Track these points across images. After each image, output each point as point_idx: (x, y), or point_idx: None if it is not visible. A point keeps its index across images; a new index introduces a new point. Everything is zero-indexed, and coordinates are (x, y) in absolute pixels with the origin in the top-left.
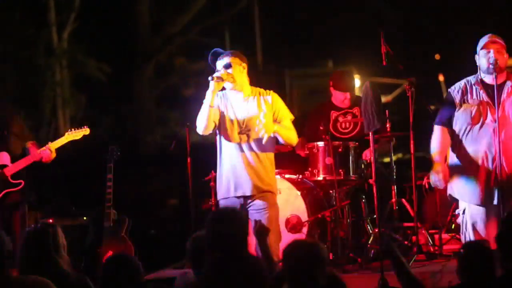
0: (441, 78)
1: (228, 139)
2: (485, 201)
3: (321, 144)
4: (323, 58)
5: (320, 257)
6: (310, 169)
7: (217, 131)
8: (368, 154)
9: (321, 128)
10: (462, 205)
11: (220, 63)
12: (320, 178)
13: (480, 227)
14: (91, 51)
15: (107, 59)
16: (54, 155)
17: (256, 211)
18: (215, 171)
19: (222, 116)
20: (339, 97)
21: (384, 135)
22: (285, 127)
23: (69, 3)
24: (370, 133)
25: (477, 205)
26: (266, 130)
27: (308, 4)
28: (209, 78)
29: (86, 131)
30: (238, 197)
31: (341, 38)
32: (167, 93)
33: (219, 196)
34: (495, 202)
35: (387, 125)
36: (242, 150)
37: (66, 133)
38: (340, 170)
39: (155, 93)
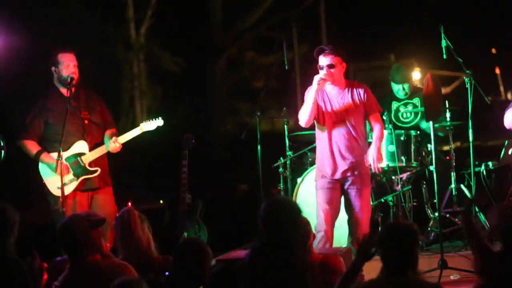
0: (497, 71)
1: (325, 128)
2: None
3: (384, 132)
4: (385, 52)
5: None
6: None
7: (315, 122)
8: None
9: (384, 118)
10: None
11: (324, 60)
12: (384, 164)
13: None
14: (167, 45)
15: (181, 53)
16: (120, 147)
17: (352, 190)
18: (284, 158)
19: (320, 108)
20: (395, 88)
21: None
22: (376, 138)
23: (146, 1)
24: (431, 123)
25: None
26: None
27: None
28: (316, 80)
29: (160, 122)
30: (336, 180)
31: (403, 32)
32: (238, 85)
33: (318, 177)
34: None
35: (447, 115)
36: (337, 138)
37: (141, 124)
38: (402, 157)
39: (227, 85)
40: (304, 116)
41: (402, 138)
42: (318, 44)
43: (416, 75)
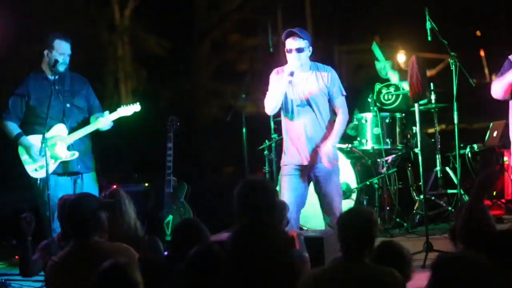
0: (482, 53)
1: (290, 113)
2: None
3: (369, 115)
4: (370, 34)
5: (374, 221)
6: (359, 138)
7: (281, 106)
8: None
9: (369, 100)
10: None
11: (292, 44)
12: (369, 147)
13: None
14: (151, 28)
15: (166, 36)
16: (110, 124)
17: (321, 176)
18: (269, 141)
19: (285, 93)
20: (380, 69)
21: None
22: (337, 126)
23: None
24: (416, 105)
25: None
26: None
27: None
28: (289, 75)
29: (137, 107)
30: (303, 166)
31: (388, 14)
32: (223, 68)
33: (284, 163)
34: None
35: (432, 97)
36: (303, 123)
37: (119, 109)
38: (388, 140)
39: (212, 67)
40: (272, 105)
41: (387, 121)
42: (303, 27)
43: (401, 57)
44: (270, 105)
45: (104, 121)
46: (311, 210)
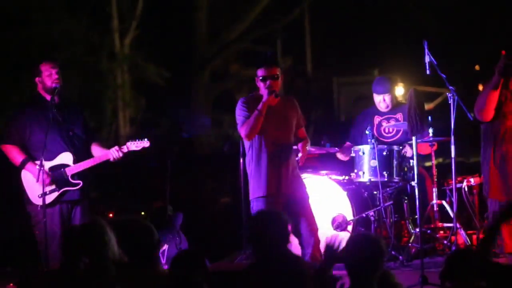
0: (480, 88)
1: (263, 142)
2: None
3: (367, 147)
4: (369, 67)
5: (383, 250)
6: (356, 170)
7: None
8: (409, 150)
9: (366, 132)
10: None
11: (268, 71)
12: (365, 179)
13: None
14: (151, 56)
15: (166, 64)
16: (120, 156)
17: (295, 204)
18: None
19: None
20: (377, 100)
21: (426, 140)
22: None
23: (131, 12)
24: (414, 138)
25: None
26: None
27: (356, 15)
28: (274, 95)
29: (146, 143)
30: (276, 196)
31: (387, 48)
32: (222, 97)
33: (258, 194)
34: None
35: (430, 131)
36: (276, 151)
37: (128, 143)
38: (384, 172)
39: (211, 97)
40: (254, 129)
41: (384, 153)
42: (303, 58)
43: (400, 90)
44: (251, 130)
45: (114, 154)
46: None
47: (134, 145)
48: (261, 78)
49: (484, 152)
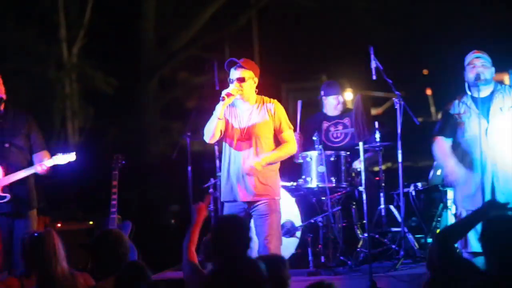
0: (428, 92)
1: (232, 146)
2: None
3: (314, 153)
4: (317, 73)
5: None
6: (303, 176)
7: (223, 138)
8: (357, 163)
9: (314, 138)
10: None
11: (234, 74)
12: (313, 185)
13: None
14: (99, 65)
15: (114, 73)
16: (46, 170)
17: (259, 216)
18: (214, 179)
19: (227, 124)
20: (331, 103)
21: (373, 145)
22: (278, 150)
23: (79, 20)
24: (360, 143)
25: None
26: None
27: (304, 21)
28: (222, 93)
29: (72, 157)
30: (240, 204)
31: (335, 53)
32: (171, 105)
33: (223, 199)
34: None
35: (377, 136)
36: (244, 157)
37: (54, 157)
38: (332, 178)
39: (159, 105)
40: (209, 132)
41: (332, 159)
42: None
43: (348, 95)
44: (207, 131)
45: (39, 168)
46: None
47: (60, 159)
48: (228, 80)
49: None
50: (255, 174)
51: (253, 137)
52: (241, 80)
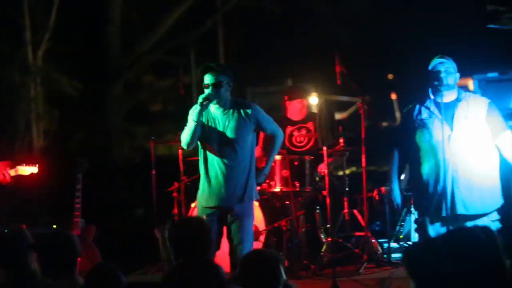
0: (393, 96)
1: (210, 151)
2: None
3: (278, 157)
4: (282, 77)
5: (280, 264)
6: (267, 181)
7: (201, 144)
8: (322, 167)
9: None
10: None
11: (210, 79)
12: (277, 189)
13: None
14: (64, 68)
15: (79, 77)
16: (9, 181)
17: (233, 221)
18: (178, 182)
19: (204, 129)
20: (296, 107)
21: (337, 149)
22: (271, 152)
23: (44, 23)
24: (324, 148)
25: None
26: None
27: (270, 25)
28: (201, 100)
29: (34, 169)
30: (217, 207)
31: (300, 58)
32: (136, 109)
33: (202, 204)
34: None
35: (341, 140)
36: (220, 162)
37: (18, 166)
38: (296, 182)
39: (124, 108)
40: (186, 138)
41: (295, 163)
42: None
43: (313, 100)
44: (185, 137)
45: (1, 177)
46: None
47: (23, 170)
48: (204, 85)
49: None
50: (233, 179)
51: (231, 141)
52: (217, 85)
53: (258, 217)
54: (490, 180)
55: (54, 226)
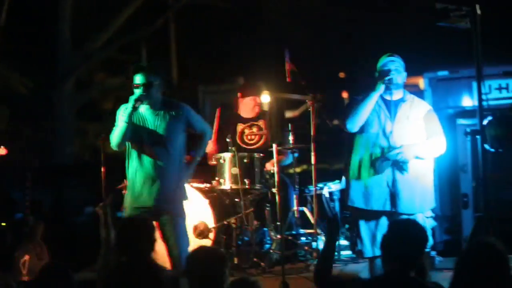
0: (344, 95)
1: (139, 151)
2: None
3: (228, 155)
4: (234, 75)
5: (226, 263)
6: (217, 178)
7: (128, 144)
8: (269, 165)
9: (227, 140)
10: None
11: (140, 79)
12: (227, 187)
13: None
14: (15, 66)
15: (30, 74)
16: None
17: (166, 221)
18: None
19: (133, 130)
20: (248, 104)
21: (287, 147)
22: (197, 152)
23: None
24: (274, 145)
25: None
26: None
27: (222, 23)
28: (132, 101)
29: (2, 151)
30: (147, 207)
31: (253, 56)
32: (87, 107)
33: (129, 204)
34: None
35: (291, 138)
36: (152, 162)
37: None
38: (246, 180)
39: (75, 106)
40: (117, 139)
41: (245, 160)
42: (168, 66)
43: (265, 98)
44: (115, 138)
45: None
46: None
47: None
48: (134, 85)
49: None
50: (164, 179)
51: (162, 142)
52: (148, 85)
53: (207, 215)
54: (427, 181)
55: (3, 224)
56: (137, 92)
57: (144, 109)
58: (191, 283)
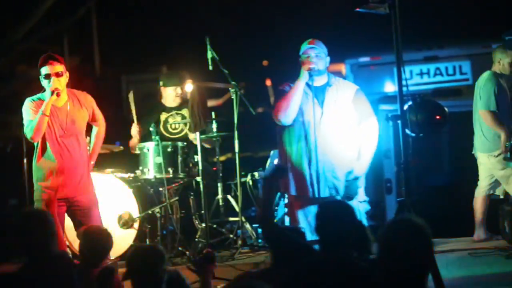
0: (268, 83)
1: (50, 142)
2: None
3: (151, 144)
4: (158, 64)
5: (164, 257)
6: (141, 168)
7: (44, 136)
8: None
9: (150, 129)
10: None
11: (51, 69)
12: (151, 176)
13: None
14: None
15: None
16: None
17: (80, 211)
18: None
19: (48, 122)
20: (171, 94)
21: (210, 135)
22: (96, 143)
23: None
24: (197, 133)
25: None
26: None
27: (144, 12)
28: (55, 92)
29: None
30: (62, 199)
31: (175, 45)
32: (9, 98)
33: (43, 197)
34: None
35: (214, 126)
36: (63, 153)
37: None
38: (169, 169)
39: None
40: (36, 131)
41: (169, 149)
42: (91, 57)
43: (189, 87)
44: (33, 131)
45: None
46: None
47: None
48: (44, 76)
49: None
50: (82, 169)
51: (73, 132)
52: (60, 75)
53: (132, 205)
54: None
55: None
56: (49, 82)
57: (55, 100)
58: (133, 283)
